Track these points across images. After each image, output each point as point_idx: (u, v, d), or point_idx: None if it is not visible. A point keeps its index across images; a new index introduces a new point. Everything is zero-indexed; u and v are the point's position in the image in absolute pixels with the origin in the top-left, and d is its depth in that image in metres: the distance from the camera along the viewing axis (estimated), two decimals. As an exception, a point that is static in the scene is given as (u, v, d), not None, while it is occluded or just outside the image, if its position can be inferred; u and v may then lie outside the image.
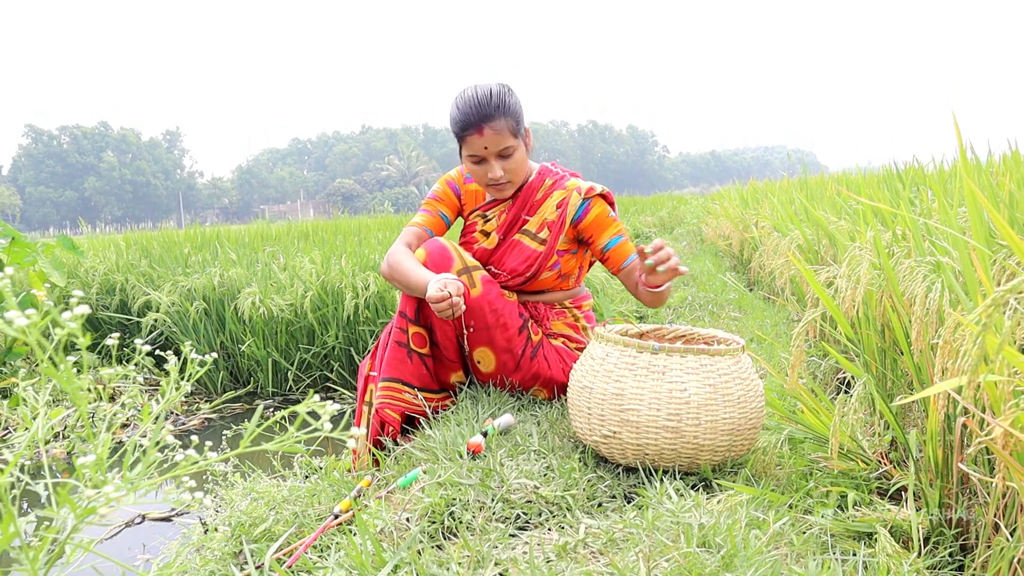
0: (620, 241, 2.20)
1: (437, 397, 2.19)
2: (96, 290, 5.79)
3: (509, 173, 2.15)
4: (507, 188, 2.21)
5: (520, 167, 2.17)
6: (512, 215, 2.26)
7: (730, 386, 1.48)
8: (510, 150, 2.11)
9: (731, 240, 6.77)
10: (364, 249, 5.27)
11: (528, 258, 2.21)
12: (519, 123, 2.12)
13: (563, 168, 2.36)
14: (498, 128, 2.06)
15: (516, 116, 2.10)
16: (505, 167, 2.13)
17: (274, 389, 4.61)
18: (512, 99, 2.11)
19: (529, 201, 2.26)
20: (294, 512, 2.05)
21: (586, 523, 1.32)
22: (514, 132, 2.10)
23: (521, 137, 2.14)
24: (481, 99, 2.06)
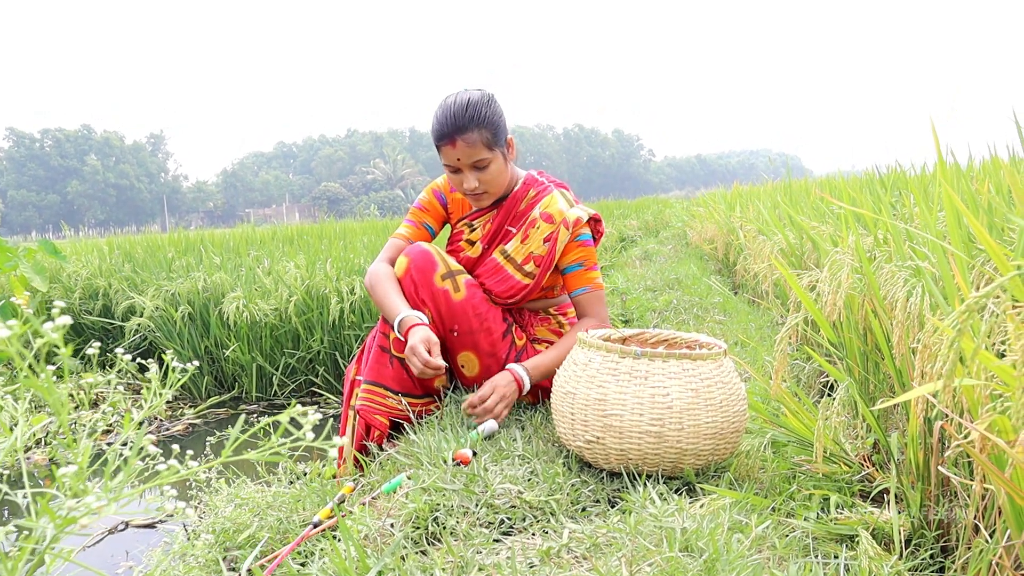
0: (578, 269, 2.17)
1: (420, 402, 2.18)
2: (79, 295, 5.75)
3: (484, 184, 2.13)
4: (484, 199, 2.19)
5: (496, 179, 2.14)
6: (496, 224, 2.26)
7: (712, 390, 1.48)
8: (484, 162, 2.09)
9: (716, 244, 6.80)
10: (349, 253, 5.26)
11: (513, 287, 2.20)
12: (496, 135, 2.09)
13: (549, 177, 2.35)
14: (470, 140, 2.04)
15: (492, 128, 2.07)
16: (480, 178, 2.11)
17: (259, 394, 4.60)
18: (488, 110, 2.07)
19: (513, 211, 2.25)
20: (278, 518, 2.04)
21: (570, 528, 1.33)
22: (489, 144, 2.07)
23: (499, 148, 2.11)
24: (456, 110, 2.04)
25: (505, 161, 2.16)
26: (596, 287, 2.16)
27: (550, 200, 2.21)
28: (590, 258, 2.18)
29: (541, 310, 2.31)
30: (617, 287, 5.61)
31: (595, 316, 2.14)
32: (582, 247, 2.17)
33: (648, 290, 5.46)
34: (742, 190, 8.97)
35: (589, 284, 2.16)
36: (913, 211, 2.42)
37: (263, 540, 1.82)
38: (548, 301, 2.30)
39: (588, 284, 2.16)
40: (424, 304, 2.10)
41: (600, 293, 2.16)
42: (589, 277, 2.16)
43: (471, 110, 2.04)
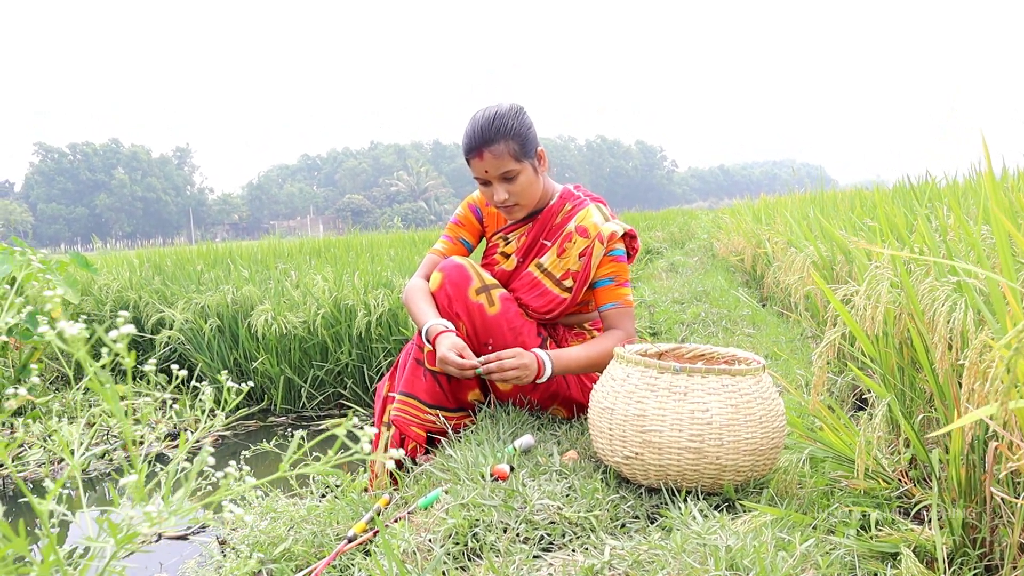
0: (609, 284, 2.16)
1: (455, 416, 2.19)
2: (110, 307, 5.81)
3: (515, 196, 2.14)
4: (516, 211, 2.20)
5: (526, 190, 2.15)
6: (531, 237, 2.27)
7: (752, 406, 1.48)
8: (512, 173, 2.10)
9: (743, 255, 6.76)
10: (376, 266, 5.28)
11: (551, 302, 2.21)
12: (524, 146, 2.10)
13: (586, 192, 2.35)
14: (497, 152, 2.06)
15: (520, 139, 2.08)
16: (510, 190, 2.12)
17: (287, 406, 4.62)
18: (516, 122, 2.08)
19: (548, 224, 2.26)
20: (313, 531, 2.05)
21: (611, 544, 1.32)
22: (517, 156, 2.08)
23: (528, 160, 2.12)
24: (483, 123, 2.07)
25: (536, 173, 2.16)
26: (626, 304, 2.15)
27: (585, 214, 2.21)
28: (622, 274, 2.17)
29: (575, 325, 2.31)
30: (644, 299, 5.60)
31: (622, 330, 2.13)
32: (614, 262, 2.16)
33: (676, 302, 5.44)
34: (769, 201, 8.93)
35: (619, 300, 2.15)
36: (947, 223, 2.40)
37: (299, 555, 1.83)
38: (582, 316, 2.30)
39: (618, 300, 2.15)
40: (458, 318, 2.10)
41: (629, 310, 2.14)
42: (619, 293, 2.15)
43: (497, 122, 2.06)
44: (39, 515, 0.74)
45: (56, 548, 0.67)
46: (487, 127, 2.06)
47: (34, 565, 0.70)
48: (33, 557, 0.68)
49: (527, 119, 2.14)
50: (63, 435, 1.05)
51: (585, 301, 2.27)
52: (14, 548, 0.63)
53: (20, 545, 0.63)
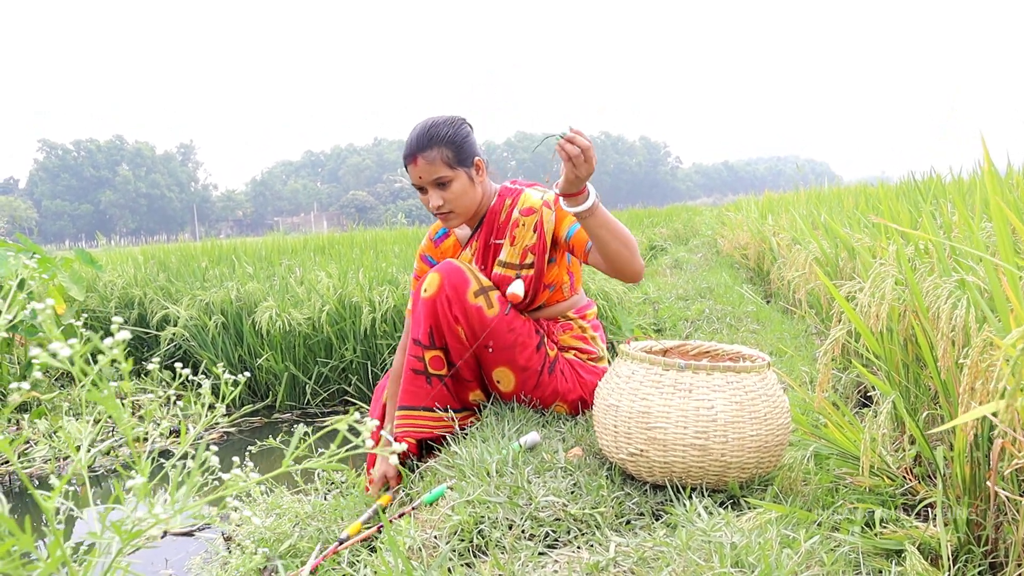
0: (579, 227, 2.11)
1: (458, 416, 2.21)
2: (115, 304, 5.83)
3: (449, 203, 2.17)
4: (451, 218, 2.23)
5: (460, 198, 2.18)
6: (483, 243, 2.28)
7: (757, 403, 1.48)
8: (445, 179, 2.14)
9: (748, 251, 6.76)
10: (381, 263, 5.29)
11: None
12: (458, 154, 2.14)
13: (521, 182, 2.36)
14: (430, 158, 2.12)
15: (454, 147, 2.13)
16: (444, 196, 2.16)
17: (291, 403, 4.63)
18: (451, 130, 2.14)
19: (494, 225, 2.27)
20: (318, 528, 2.06)
21: (616, 541, 1.33)
22: (450, 163, 2.13)
23: (463, 168, 2.16)
24: (419, 131, 2.14)
25: (471, 182, 2.19)
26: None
27: (524, 198, 2.23)
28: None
29: (560, 316, 2.31)
30: (649, 296, 5.60)
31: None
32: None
33: (680, 299, 5.44)
34: (774, 197, 8.92)
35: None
36: (952, 220, 2.39)
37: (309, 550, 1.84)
38: (564, 305, 2.29)
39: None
40: (457, 321, 2.11)
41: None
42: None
43: (432, 130, 2.13)
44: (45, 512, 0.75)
45: (62, 544, 0.68)
46: (422, 135, 2.13)
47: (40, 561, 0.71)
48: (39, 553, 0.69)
49: (464, 130, 2.19)
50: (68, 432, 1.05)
51: (557, 284, 2.26)
52: (20, 544, 0.63)
53: (26, 541, 0.63)
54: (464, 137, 2.18)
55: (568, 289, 2.28)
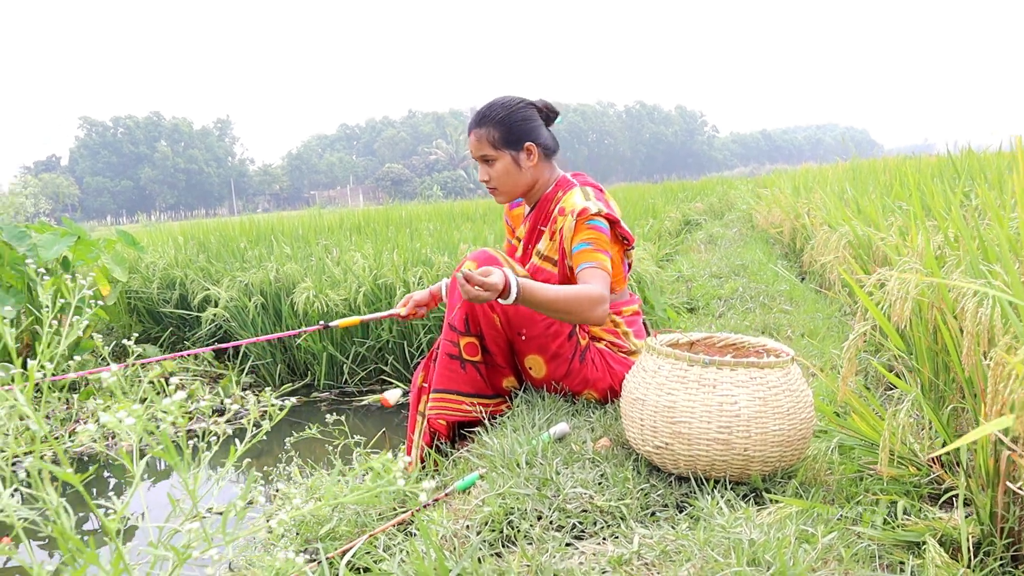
0: (586, 248, 2.13)
1: (492, 403, 2.27)
2: (157, 285, 5.96)
3: (493, 180, 2.30)
4: (497, 195, 2.35)
5: (502, 178, 2.29)
6: (531, 223, 2.36)
7: (780, 399, 1.51)
8: (489, 158, 2.28)
9: (782, 228, 6.71)
10: (416, 243, 5.35)
11: (549, 279, 2.28)
12: (506, 137, 2.25)
13: (582, 179, 2.38)
14: (480, 136, 2.27)
15: (503, 129, 2.25)
16: (489, 173, 2.30)
17: (330, 382, 4.72)
18: (505, 113, 2.25)
19: (544, 212, 2.33)
20: (356, 512, 2.13)
21: (640, 534, 1.37)
22: (495, 144, 2.26)
23: (508, 150, 2.26)
24: (481, 108, 2.30)
25: (516, 164, 2.28)
26: (603, 267, 2.10)
27: (568, 196, 2.26)
28: (599, 242, 2.13)
29: None
30: (682, 273, 5.60)
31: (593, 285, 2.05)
32: (592, 230, 2.14)
33: (713, 276, 5.44)
34: (809, 172, 8.83)
35: (595, 261, 2.11)
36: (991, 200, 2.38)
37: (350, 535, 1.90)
38: None
39: (594, 261, 2.11)
40: (492, 308, 2.16)
41: (603, 274, 2.09)
42: (595, 256, 2.11)
43: (488, 109, 2.28)
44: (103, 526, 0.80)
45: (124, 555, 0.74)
46: (480, 112, 2.29)
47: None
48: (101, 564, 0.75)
49: (520, 114, 2.27)
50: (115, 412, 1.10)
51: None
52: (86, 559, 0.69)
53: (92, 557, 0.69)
54: (516, 121, 2.27)
55: None
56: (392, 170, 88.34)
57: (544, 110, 2.34)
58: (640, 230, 6.55)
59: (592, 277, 2.07)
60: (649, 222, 7.31)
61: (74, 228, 5.10)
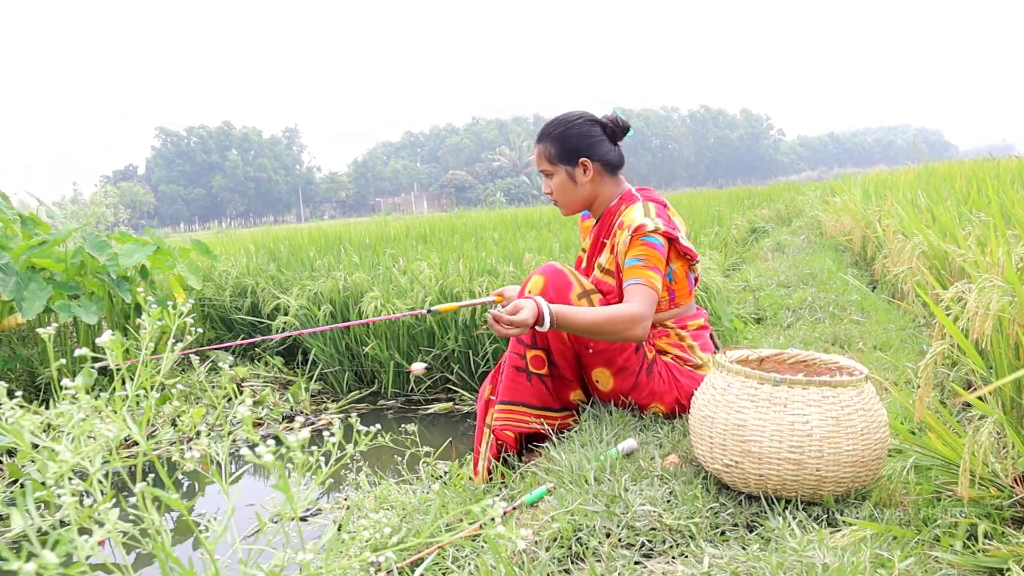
0: (636, 264, 2.14)
1: (559, 416, 2.28)
2: (229, 292, 6.11)
3: (553, 194, 2.38)
4: (559, 207, 2.42)
5: (560, 191, 2.36)
6: (595, 236, 2.38)
7: (853, 418, 1.49)
8: (547, 173, 2.37)
9: (852, 236, 6.58)
10: (481, 252, 5.38)
11: (610, 292, 2.28)
12: (561, 154, 2.31)
13: (647, 193, 2.37)
14: (539, 151, 2.37)
15: (558, 145, 2.31)
16: (549, 185, 2.38)
17: (396, 390, 4.78)
18: (562, 130, 2.31)
19: (606, 224, 2.35)
20: (424, 522, 2.15)
21: (710, 553, 1.37)
22: (551, 159, 2.33)
23: (562, 165, 2.32)
24: (546, 123, 2.38)
25: (572, 180, 2.33)
26: (650, 284, 2.11)
27: (629, 210, 2.27)
28: (651, 259, 2.14)
29: (658, 323, 2.34)
30: (749, 283, 5.53)
31: (636, 303, 2.08)
32: (645, 246, 2.15)
33: (781, 286, 5.35)
34: (880, 176, 8.63)
35: (642, 278, 2.12)
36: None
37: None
38: (661, 315, 2.32)
39: (641, 277, 2.12)
40: None
41: (649, 291, 2.10)
42: (644, 272, 2.12)
43: (549, 126, 2.36)
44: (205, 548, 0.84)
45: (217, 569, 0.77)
46: (542, 128, 2.37)
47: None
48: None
49: (577, 130, 2.31)
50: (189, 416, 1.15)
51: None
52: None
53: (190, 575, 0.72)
54: (572, 136, 2.31)
55: (666, 302, 2.30)
56: (456, 177, 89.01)
57: (610, 125, 2.35)
58: (706, 239, 6.49)
59: (635, 294, 2.10)
60: (715, 230, 7.23)
61: (154, 238, 5.27)
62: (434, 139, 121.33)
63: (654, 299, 2.10)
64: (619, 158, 2.37)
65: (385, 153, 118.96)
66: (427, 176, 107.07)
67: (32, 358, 4.74)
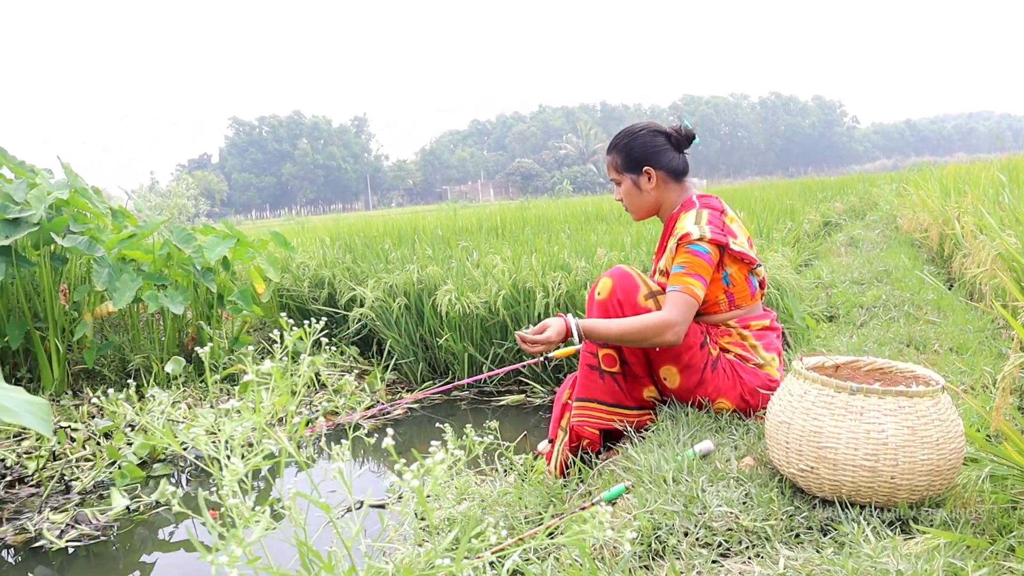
0: (679, 271, 2.24)
1: (635, 414, 2.36)
2: (307, 284, 6.31)
3: (623, 200, 2.51)
4: (630, 214, 2.54)
5: (627, 198, 2.49)
6: (660, 240, 2.48)
7: (929, 428, 1.53)
8: (616, 181, 2.51)
9: (929, 233, 6.46)
10: (553, 246, 5.46)
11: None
12: (627, 163, 2.45)
13: (705, 199, 2.42)
14: (608, 161, 2.52)
15: (624, 155, 2.45)
16: (619, 193, 2.53)
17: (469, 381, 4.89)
18: (628, 141, 2.44)
19: (668, 229, 2.43)
20: (504, 514, 2.25)
21: (785, 555, 1.43)
22: (617, 168, 2.48)
23: (628, 174, 2.46)
24: (614, 135, 2.52)
25: (637, 188, 2.45)
26: (687, 290, 2.20)
27: (683, 217, 2.35)
28: (694, 266, 2.22)
29: (721, 323, 2.40)
30: (821, 279, 5.50)
31: (667, 311, 2.20)
32: (689, 254, 2.24)
33: (855, 283, 5.31)
34: (958, 171, 8.43)
35: (681, 284, 2.21)
36: None
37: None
38: (719, 317, 2.37)
39: (680, 284, 2.22)
40: None
41: (686, 298, 2.19)
42: (685, 280, 2.22)
43: (616, 137, 2.49)
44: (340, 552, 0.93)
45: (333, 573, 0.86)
46: (612, 138, 2.51)
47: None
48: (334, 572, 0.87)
49: (641, 140, 2.43)
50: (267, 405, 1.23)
51: (711, 302, 2.35)
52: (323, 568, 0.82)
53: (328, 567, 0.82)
54: (636, 147, 2.43)
55: (725, 305, 2.35)
56: (522, 165, 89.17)
57: (674, 135, 2.44)
58: (778, 234, 6.44)
59: (671, 301, 2.22)
60: (787, 225, 7.18)
61: (233, 231, 5.48)
62: (501, 127, 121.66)
63: (690, 305, 2.21)
64: (683, 166, 2.46)
65: (452, 141, 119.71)
66: (494, 164, 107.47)
67: (123, 345, 4.99)
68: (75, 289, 4.74)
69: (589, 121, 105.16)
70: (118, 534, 2.96)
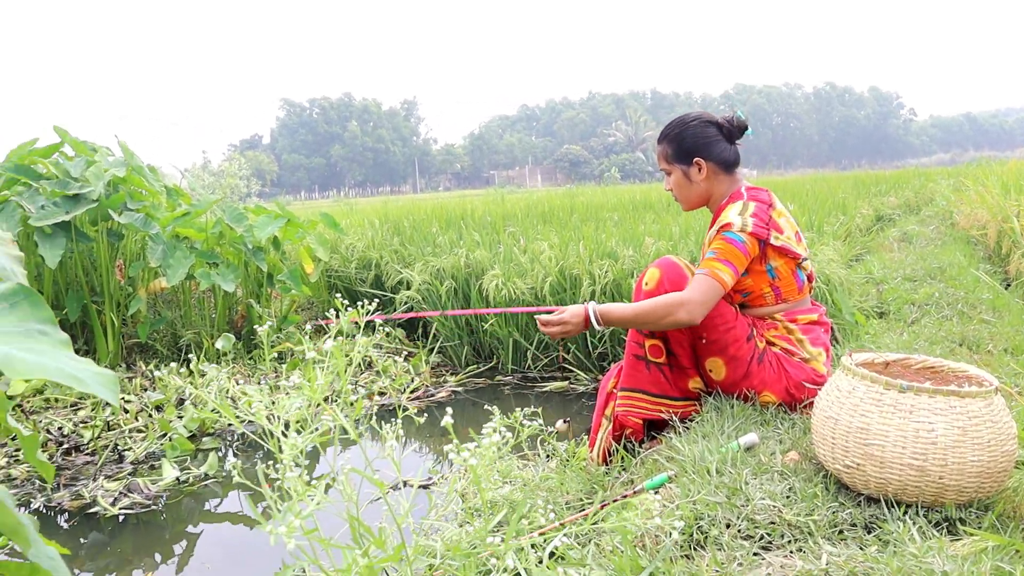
0: (710, 256, 2.24)
1: (680, 404, 2.37)
2: (355, 265, 6.39)
3: (673, 190, 2.50)
4: (679, 204, 2.53)
5: (677, 188, 2.48)
6: (708, 234, 2.43)
7: (980, 429, 1.51)
8: (667, 171, 2.49)
9: (987, 230, 6.32)
10: (601, 234, 5.45)
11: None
12: (677, 153, 2.43)
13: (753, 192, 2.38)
14: (658, 151, 2.51)
15: (675, 145, 2.43)
16: (669, 183, 2.51)
17: (514, 366, 4.92)
18: (679, 130, 2.43)
19: (715, 219, 2.40)
20: (546, 499, 2.27)
21: (828, 551, 1.43)
22: (667, 158, 2.46)
23: (678, 164, 2.44)
24: (665, 125, 2.51)
25: (687, 178, 2.43)
26: (714, 275, 2.20)
27: (728, 208, 2.34)
28: (724, 252, 2.22)
29: (768, 316, 2.38)
30: (873, 275, 5.41)
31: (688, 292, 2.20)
32: (725, 241, 2.24)
33: (907, 279, 5.22)
34: (1020, 166, 8.22)
35: (708, 268, 2.21)
36: None
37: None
38: (765, 310, 2.36)
39: (707, 268, 2.22)
40: None
41: (711, 282, 2.19)
42: (713, 264, 2.21)
43: (667, 127, 2.48)
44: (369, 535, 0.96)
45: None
46: (664, 128, 2.50)
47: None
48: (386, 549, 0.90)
49: (692, 131, 2.41)
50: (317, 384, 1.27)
51: (751, 292, 2.34)
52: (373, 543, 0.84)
53: (379, 543, 0.84)
54: (687, 137, 2.41)
55: (772, 298, 2.34)
56: (570, 151, 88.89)
57: (726, 126, 2.42)
58: (829, 228, 6.36)
59: (694, 282, 2.23)
60: (839, 219, 7.07)
61: (284, 211, 5.56)
62: (549, 113, 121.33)
63: (713, 288, 2.20)
64: (734, 157, 2.43)
65: (500, 126, 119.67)
66: (541, 150, 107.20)
67: (175, 320, 5.11)
68: (130, 265, 4.86)
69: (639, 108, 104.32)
70: (167, 503, 3.05)
